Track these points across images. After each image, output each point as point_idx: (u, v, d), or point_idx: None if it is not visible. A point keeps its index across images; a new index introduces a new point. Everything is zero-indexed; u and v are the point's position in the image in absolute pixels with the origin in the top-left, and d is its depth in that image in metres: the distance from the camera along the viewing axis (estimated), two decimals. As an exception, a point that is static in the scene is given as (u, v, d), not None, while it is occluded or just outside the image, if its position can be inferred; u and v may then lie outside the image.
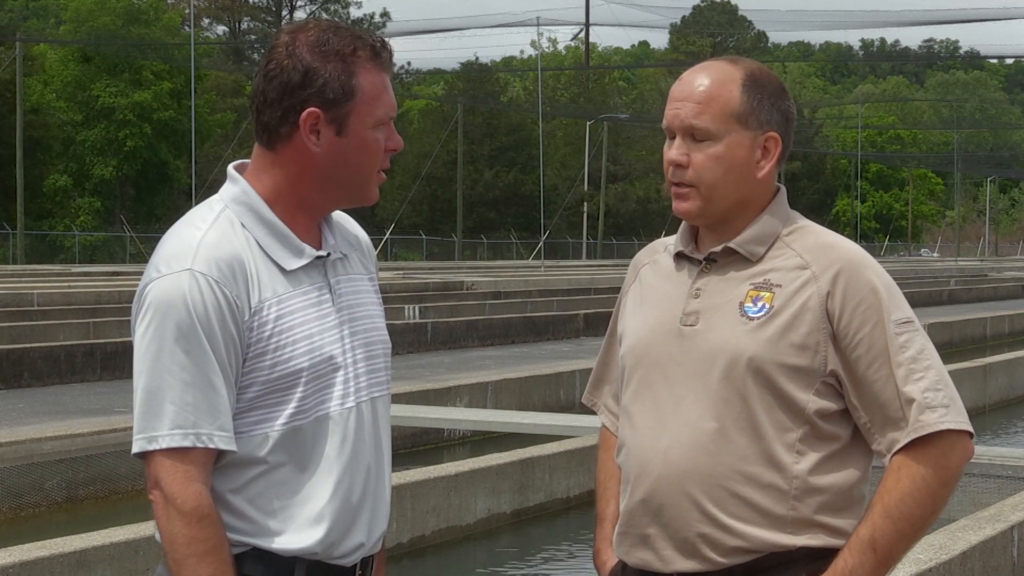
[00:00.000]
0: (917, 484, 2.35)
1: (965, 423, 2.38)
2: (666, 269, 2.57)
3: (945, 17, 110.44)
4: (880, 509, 2.35)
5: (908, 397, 2.36)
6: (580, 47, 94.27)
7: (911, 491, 2.35)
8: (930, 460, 2.35)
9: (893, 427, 2.38)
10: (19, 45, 51.01)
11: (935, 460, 2.36)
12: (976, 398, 15.51)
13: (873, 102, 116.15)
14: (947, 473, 2.37)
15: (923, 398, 2.36)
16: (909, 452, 2.36)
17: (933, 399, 2.36)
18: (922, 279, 44.88)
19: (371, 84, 2.33)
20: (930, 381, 2.37)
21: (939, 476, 2.36)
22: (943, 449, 2.36)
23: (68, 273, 37.03)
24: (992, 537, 6.28)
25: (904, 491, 2.35)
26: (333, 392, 2.33)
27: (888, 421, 2.38)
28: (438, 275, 38.70)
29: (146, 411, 2.24)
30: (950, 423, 2.36)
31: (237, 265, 2.28)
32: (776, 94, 2.49)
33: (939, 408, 2.36)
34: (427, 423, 11.36)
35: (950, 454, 2.37)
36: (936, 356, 2.42)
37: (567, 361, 17.41)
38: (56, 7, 75.43)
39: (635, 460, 2.49)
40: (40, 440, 9.65)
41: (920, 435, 2.35)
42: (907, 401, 2.36)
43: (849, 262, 2.42)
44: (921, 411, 2.35)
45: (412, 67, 79.07)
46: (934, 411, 2.35)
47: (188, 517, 2.20)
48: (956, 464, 2.38)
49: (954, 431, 2.36)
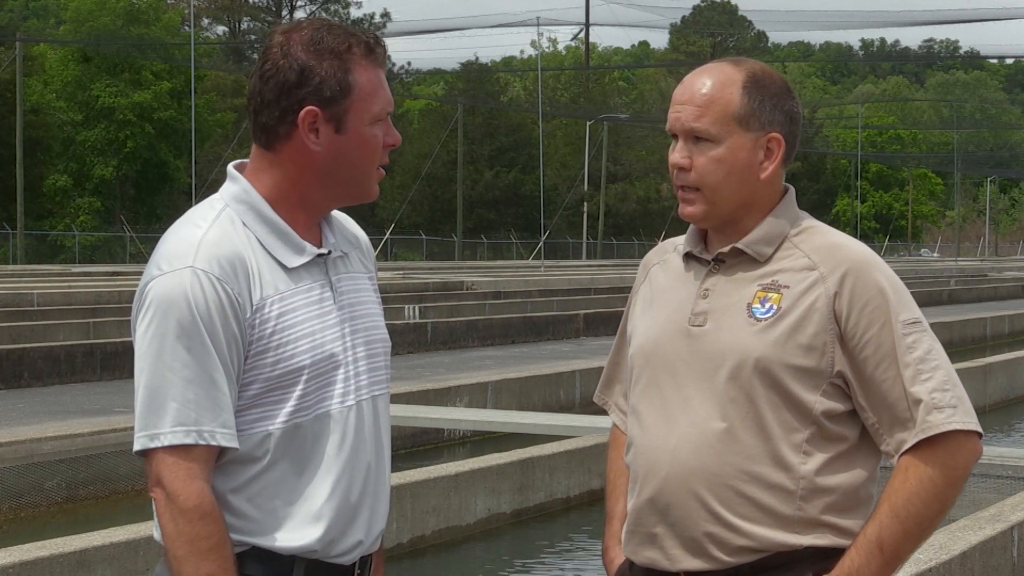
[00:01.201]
0: (924, 484, 2.34)
1: (973, 423, 2.38)
2: (675, 269, 2.58)
3: (945, 17, 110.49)
4: (887, 509, 2.35)
5: (915, 398, 2.36)
6: (580, 47, 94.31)
7: (918, 491, 2.34)
8: (937, 461, 2.35)
9: (901, 427, 2.38)
10: (19, 45, 50.99)
11: (942, 461, 2.35)
12: (976, 398, 15.49)
13: (873, 102, 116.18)
14: (954, 474, 2.36)
15: (930, 398, 2.35)
16: (916, 453, 2.36)
17: (940, 399, 2.36)
18: (922, 279, 44.88)
19: (367, 80, 2.34)
20: (938, 381, 2.37)
21: (946, 477, 2.36)
22: (950, 450, 2.36)
23: (68, 273, 37.03)
24: (992, 537, 6.28)
25: (911, 491, 2.34)
26: (334, 390, 2.33)
27: (896, 422, 2.38)
28: (438, 275, 38.70)
29: (148, 409, 2.24)
30: (957, 423, 2.35)
31: (239, 263, 2.28)
32: (779, 95, 2.48)
33: (947, 408, 2.35)
34: (427, 423, 11.36)
35: (957, 455, 2.36)
36: (944, 356, 2.42)
37: (567, 361, 17.41)
38: (56, 7, 75.48)
39: (643, 459, 2.49)
40: (40, 440, 9.64)
41: (927, 436, 2.35)
42: (915, 402, 2.36)
43: (857, 263, 2.42)
44: (928, 412, 2.35)
45: (412, 67, 79.14)
46: (941, 411, 2.35)
47: (190, 515, 2.20)
48: (963, 465, 2.37)
49: (962, 431, 2.36)
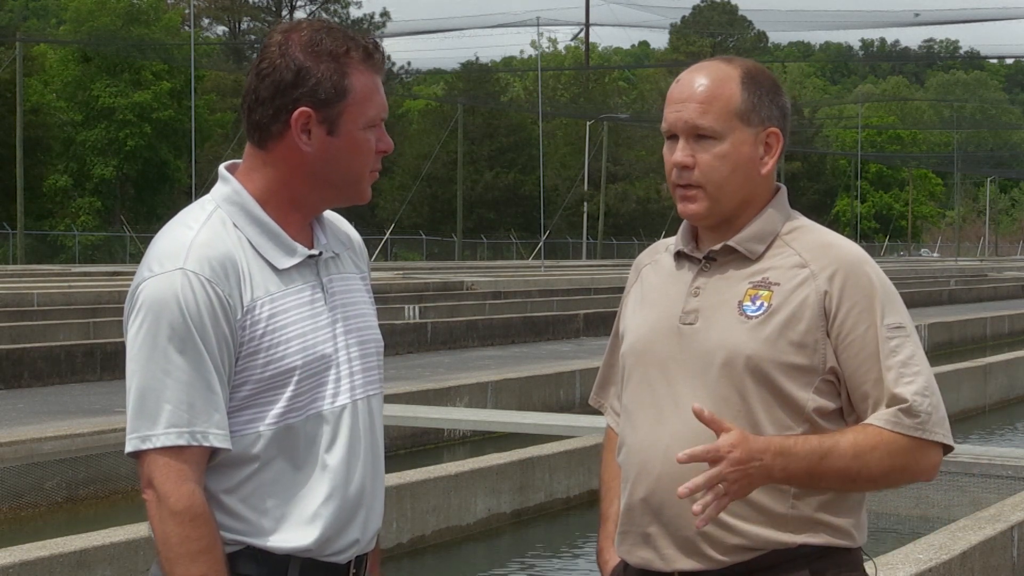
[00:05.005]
0: (891, 451, 2.36)
1: (942, 434, 2.39)
2: (667, 268, 2.58)
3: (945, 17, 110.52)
4: (851, 439, 2.35)
5: (898, 397, 2.37)
6: (580, 47, 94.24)
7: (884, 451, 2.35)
8: (901, 453, 2.37)
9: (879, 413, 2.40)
10: (19, 45, 50.96)
11: (905, 455, 2.37)
12: (976, 398, 15.52)
13: (873, 102, 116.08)
14: (911, 469, 2.39)
15: (912, 400, 2.37)
16: (888, 432, 2.37)
17: (919, 404, 2.37)
18: (922, 279, 44.87)
19: (363, 85, 2.34)
20: (918, 386, 2.38)
21: (905, 466, 2.38)
22: (913, 453, 2.38)
23: (68, 273, 37.00)
24: (992, 537, 6.28)
25: (877, 445, 2.35)
26: (326, 390, 2.33)
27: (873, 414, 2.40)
28: (438, 275, 38.69)
29: (140, 410, 2.24)
30: (926, 432, 2.37)
31: (229, 264, 2.28)
32: (773, 90, 2.50)
33: (922, 414, 2.37)
34: (427, 423, 11.35)
35: (919, 460, 2.39)
36: (925, 363, 2.43)
37: (567, 361, 17.41)
38: (56, 7, 75.45)
39: (635, 458, 2.49)
40: (40, 440, 9.64)
41: (896, 431, 2.36)
42: (894, 400, 2.37)
43: (848, 262, 2.42)
44: (906, 412, 2.37)
45: (412, 67, 79.10)
46: (916, 416, 2.37)
47: (181, 516, 2.20)
48: (918, 471, 2.40)
49: (927, 441, 2.38)
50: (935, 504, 8.88)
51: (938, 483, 8.60)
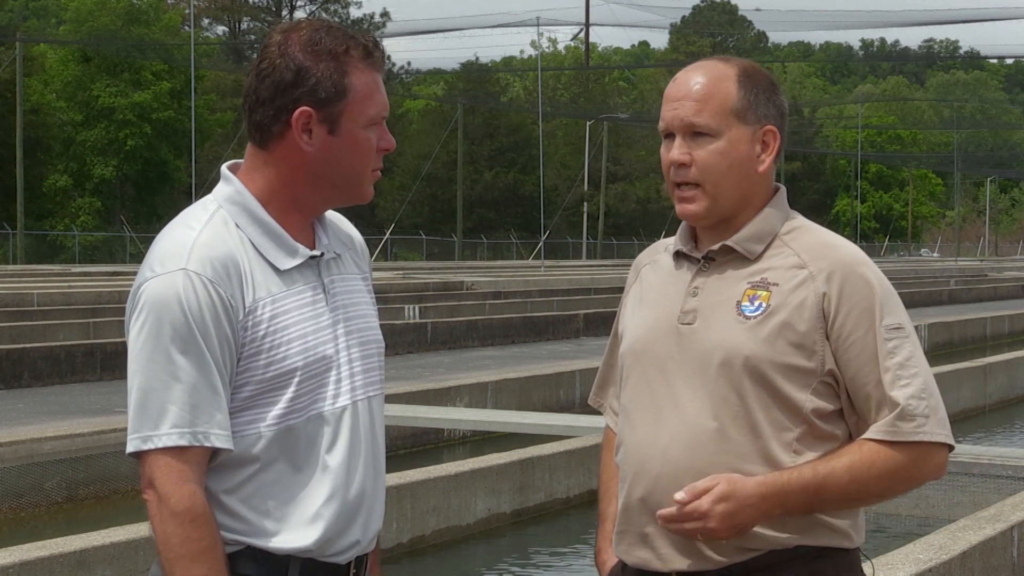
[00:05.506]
0: (888, 466, 2.36)
1: (943, 435, 2.40)
2: (666, 268, 2.58)
3: (945, 17, 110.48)
4: (847, 462, 2.36)
5: (893, 401, 2.37)
6: (580, 47, 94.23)
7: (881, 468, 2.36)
8: (903, 460, 2.37)
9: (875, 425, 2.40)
10: (19, 45, 50.97)
11: (907, 463, 2.38)
12: (976, 398, 15.52)
13: (873, 102, 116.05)
14: (913, 476, 2.40)
15: (907, 404, 2.37)
16: (885, 444, 2.37)
17: (916, 407, 2.37)
18: (922, 279, 44.86)
19: (363, 84, 2.34)
20: (915, 388, 2.38)
21: (905, 478, 2.39)
22: (915, 458, 2.38)
23: (68, 273, 37.00)
24: (992, 537, 6.27)
25: (873, 462, 2.36)
26: (327, 391, 2.33)
27: (872, 422, 2.40)
28: (438, 275, 38.68)
29: (141, 411, 2.24)
30: (926, 435, 2.37)
31: (231, 265, 2.28)
32: (769, 88, 2.50)
33: (919, 417, 2.37)
34: (427, 423, 11.35)
35: (922, 463, 2.40)
36: (924, 364, 2.43)
37: (567, 361, 17.41)
38: (56, 7, 75.43)
39: (633, 458, 2.49)
40: (40, 440, 9.64)
41: (896, 440, 2.37)
42: (891, 404, 2.37)
43: (846, 264, 2.42)
44: (901, 417, 2.37)
45: (412, 67, 79.06)
46: (913, 420, 2.37)
47: (181, 517, 2.20)
48: (923, 475, 2.41)
49: (928, 443, 2.38)
50: (935, 504, 8.88)
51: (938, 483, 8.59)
